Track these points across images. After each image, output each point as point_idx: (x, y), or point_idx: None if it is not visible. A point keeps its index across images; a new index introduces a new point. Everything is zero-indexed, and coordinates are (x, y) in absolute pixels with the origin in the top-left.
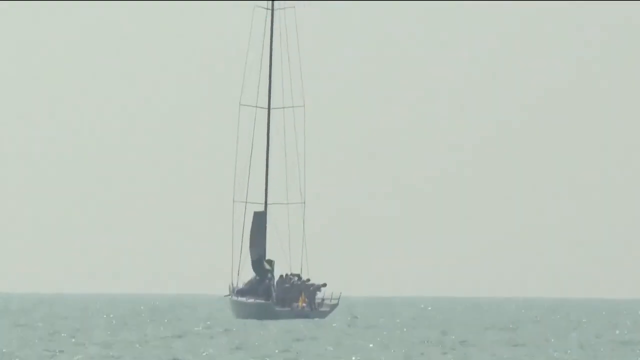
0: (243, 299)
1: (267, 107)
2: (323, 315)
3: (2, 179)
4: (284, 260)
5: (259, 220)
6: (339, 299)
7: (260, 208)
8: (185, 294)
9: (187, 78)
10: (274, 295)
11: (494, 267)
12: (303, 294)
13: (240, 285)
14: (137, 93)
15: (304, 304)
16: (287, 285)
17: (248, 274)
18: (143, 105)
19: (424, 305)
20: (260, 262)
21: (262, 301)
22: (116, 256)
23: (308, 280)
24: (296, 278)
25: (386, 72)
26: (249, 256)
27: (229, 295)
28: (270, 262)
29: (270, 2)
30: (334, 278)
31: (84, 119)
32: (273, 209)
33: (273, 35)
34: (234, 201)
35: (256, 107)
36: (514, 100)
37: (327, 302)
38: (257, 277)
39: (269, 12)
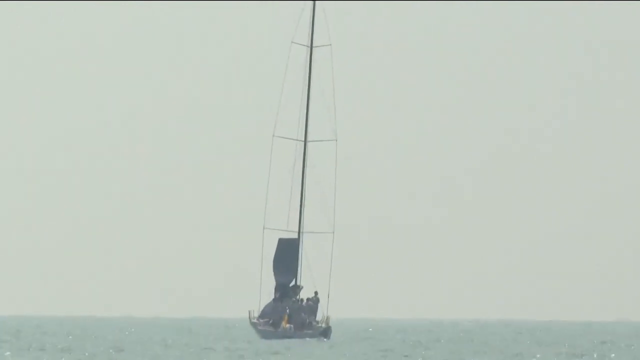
0: (254, 321)
1: (300, 139)
2: (306, 337)
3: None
4: (312, 287)
5: (285, 247)
6: (324, 321)
7: (290, 236)
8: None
9: (221, 110)
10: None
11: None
12: (286, 315)
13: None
14: (168, 122)
15: (288, 325)
16: (279, 306)
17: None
18: (174, 134)
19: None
20: (284, 288)
21: (256, 321)
22: (147, 281)
23: (308, 299)
24: (314, 295)
25: (416, 107)
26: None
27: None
28: (297, 288)
29: (310, 39)
30: (359, 305)
31: (119, 157)
32: (302, 237)
33: (310, 71)
34: (264, 228)
35: (290, 139)
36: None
37: (318, 324)
38: (275, 301)
39: (308, 49)
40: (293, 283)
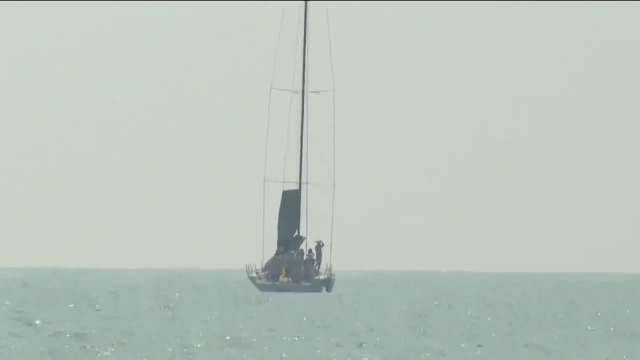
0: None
1: (297, 91)
2: (305, 289)
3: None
4: (315, 238)
5: (288, 199)
6: (327, 272)
7: (291, 187)
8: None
9: (219, 62)
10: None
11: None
12: (284, 269)
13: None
14: (168, 74)
15: (286, 278)
16: (280, 259)
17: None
18: (173, 87)
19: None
20: (286, 241)
21: (254, 275)
22: (147, 234)
23: (310, 251)
24: (321, 244)
25: (413, 55)
26: (278, 233)
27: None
28: (299, 239)
29: None
30: (361, 256)
31: (114, 98)
32: (303, 189)
33: (306, 24)
34: (265, 180)
35: (288, 90)
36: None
37: (319, 276)
38: (276, 254)
39: (303, 3)
40: (296, 234)
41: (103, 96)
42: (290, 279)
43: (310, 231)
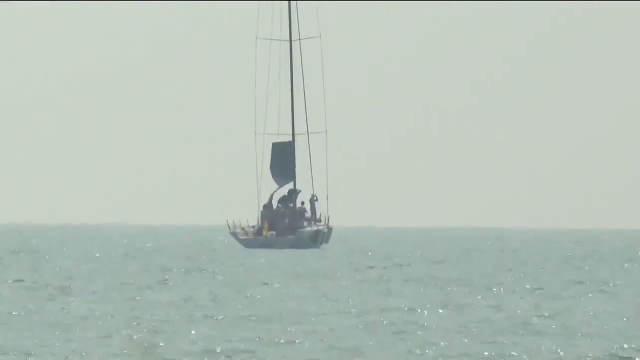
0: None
1: (282, 39)
2: (289, 243)
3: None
4: (311, 190)
5: (279, 151)
6: (324, 224)
7: (283, 139)
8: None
9: (203, 15)
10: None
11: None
12: (266, 223)
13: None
14: (155, 28)
15: (270, 232)
16: (266, 214)
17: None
18: (160, 41)
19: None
20: (282, 193)
21: (238, 231)
22: (141, 190)
23: (303, 203)
24: (315, 198)
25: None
26: (273, 187)
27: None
28: (293, 192)
29: None
30: (357, 204)
31: (108, 56)
32: (299, 140)
33: None
34: (255, 133)
35: (273, 39)
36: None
37: (306, 229)
38: (264, 208)
39: None
40: (291, 187)
41: (87, 48)
42: (274, 232)
43: (307, 184)
